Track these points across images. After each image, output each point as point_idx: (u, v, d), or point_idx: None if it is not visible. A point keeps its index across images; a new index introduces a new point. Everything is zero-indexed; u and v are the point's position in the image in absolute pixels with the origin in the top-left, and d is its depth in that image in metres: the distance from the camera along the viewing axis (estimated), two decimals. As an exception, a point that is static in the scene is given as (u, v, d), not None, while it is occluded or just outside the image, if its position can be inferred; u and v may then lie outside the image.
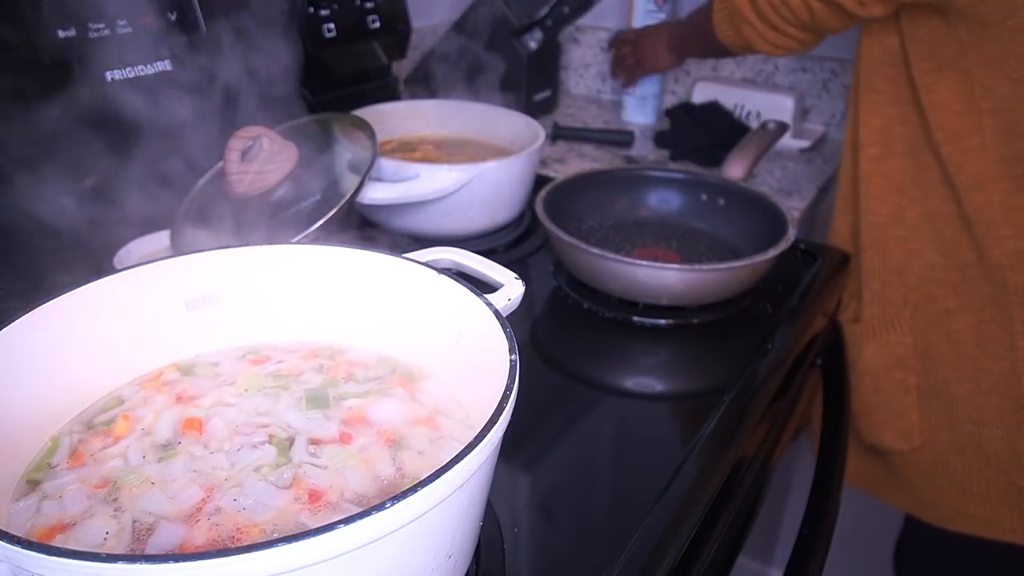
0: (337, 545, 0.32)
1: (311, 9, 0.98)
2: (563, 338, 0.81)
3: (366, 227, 0.92)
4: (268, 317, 0.58)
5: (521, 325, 0.80)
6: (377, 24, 1.07)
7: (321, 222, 0.70)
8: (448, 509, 0.38)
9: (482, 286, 0.52)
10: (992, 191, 0.85)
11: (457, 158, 0.99)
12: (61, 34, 0.73)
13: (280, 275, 0.57)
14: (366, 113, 0.94)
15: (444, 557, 0.40)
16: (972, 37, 0.81)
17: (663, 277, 0.77)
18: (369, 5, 1.06)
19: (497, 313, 0.48)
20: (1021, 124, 0.82)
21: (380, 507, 0.33)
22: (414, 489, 0.34)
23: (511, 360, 0.44)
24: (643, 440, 0.67)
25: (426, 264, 0.54)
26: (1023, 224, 0.84)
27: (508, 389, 0.41)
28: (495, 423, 0.38)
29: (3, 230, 0.74)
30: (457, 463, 0.35)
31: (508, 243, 0.95)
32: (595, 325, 0.81)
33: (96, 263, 0.72)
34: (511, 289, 0.54)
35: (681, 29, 1.19)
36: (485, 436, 0.37)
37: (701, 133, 1.24)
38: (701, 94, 1.39)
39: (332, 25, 1.00)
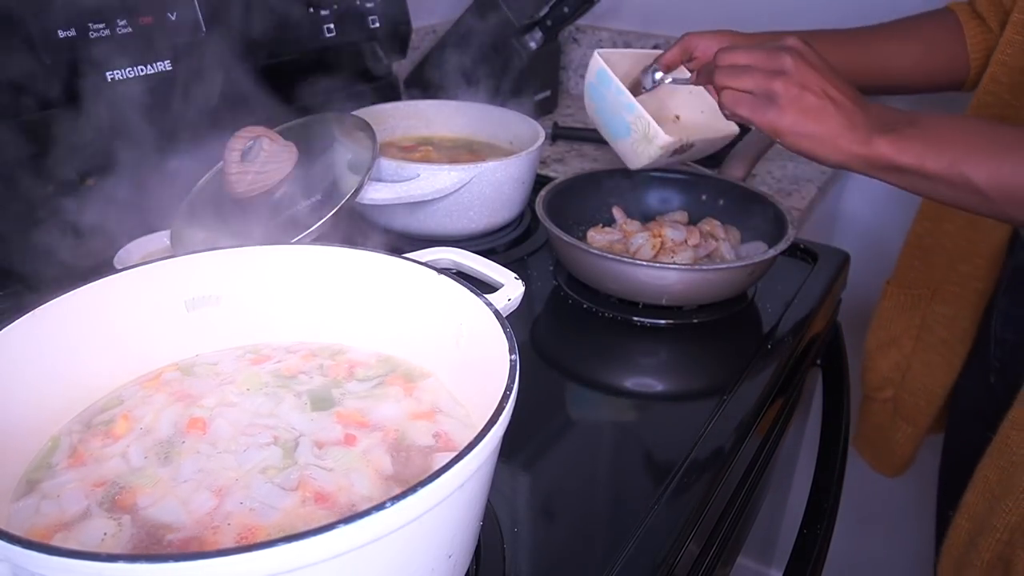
0: (337, 545, 0.32)
1: (311, 9, 0.98)
2: (563, 338, 0.81)
3: (366, 227, 0.92)
4: (268, 317, 0.58)
5: (521, 325, 0.80)
6: (377, 24, 1.07)
7: (321, 222, 0.70)
8: (448, 509, 0.38)
9: (482, 286, 0.52)
10: None
11: (457, 158, 0.99)
12: (61, 34, 0.73)
13: (280, 275, 0.57)
14: (366, 113, 0.94)
15: (444, 557, 0.40)
16: None
17: (663, 277, 0.77)
18: (369, 5, 1.06)
19: (497, 313, 0.48)
20: None
21: (380, 507, 0.33)
22: (414, 489, 0.34)
23: (511, 360, 0.44)
24: (643, 440, 0.67)
25: (426, 264, 0.54)
26: None
27: (508, 389, 0.41)
28: (495, 423, 0.38)
29: (2, 230, 0.74)
30: (457, 463, 0.35)
31: (508, 243, 0.95)
32: (595, 325, 0.81)
33: (96, 263, 0.72)
34: (511, 289, 0.54)
35: (914, 123, 0.69)
36: (485, 436, 0.37)
37: (701, 133, 1.23)
38: (701, 94, 1.38)
39: (332, 25, 1.00)
